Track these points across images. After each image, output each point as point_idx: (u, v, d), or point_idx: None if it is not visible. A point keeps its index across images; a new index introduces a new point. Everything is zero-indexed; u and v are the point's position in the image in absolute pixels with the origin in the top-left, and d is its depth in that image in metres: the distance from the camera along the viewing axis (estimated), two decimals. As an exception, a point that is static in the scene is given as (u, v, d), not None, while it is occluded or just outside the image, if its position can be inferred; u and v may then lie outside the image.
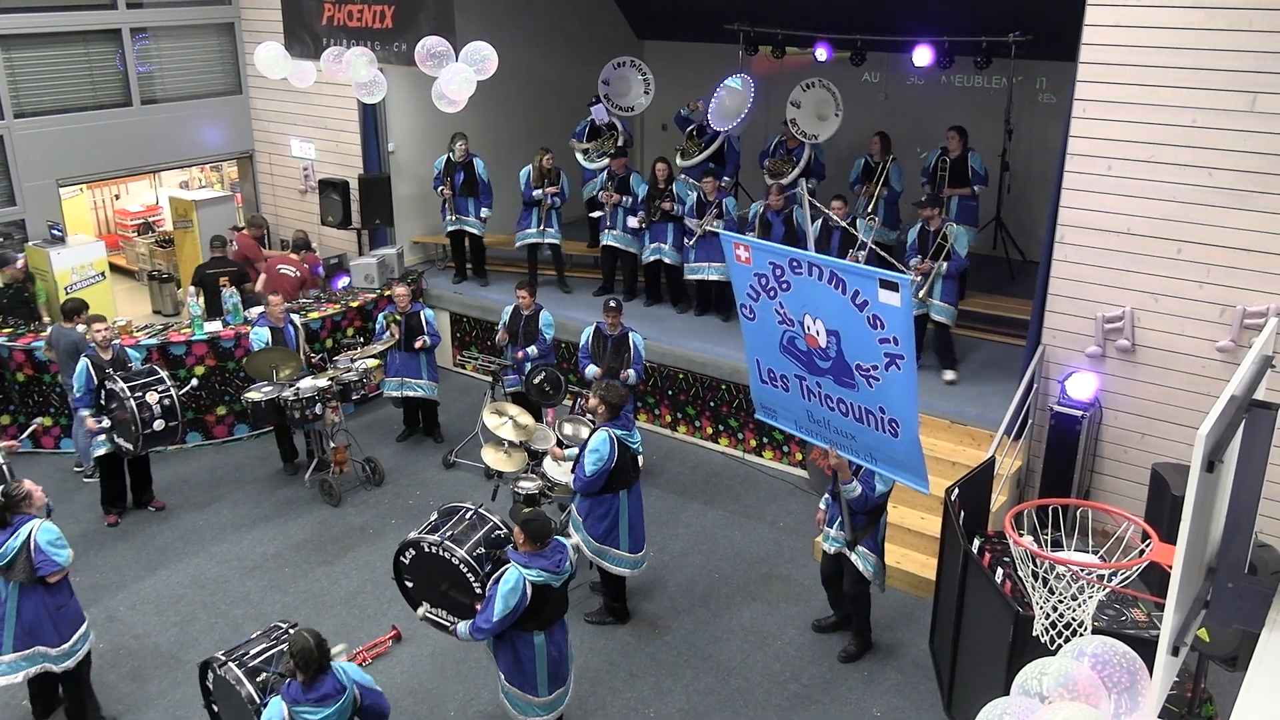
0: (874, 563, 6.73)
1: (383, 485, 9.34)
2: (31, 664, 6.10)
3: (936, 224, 8.87)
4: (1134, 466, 7.91)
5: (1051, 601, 4.11)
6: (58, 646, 6.11)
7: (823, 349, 5.83)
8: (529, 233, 11.20)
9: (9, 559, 5.88)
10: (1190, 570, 2.90)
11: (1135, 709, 3.24)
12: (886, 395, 5.66)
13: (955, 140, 10.38)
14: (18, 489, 6.05)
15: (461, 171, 11.07)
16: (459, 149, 11.04)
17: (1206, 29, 6.96)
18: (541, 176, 10.98)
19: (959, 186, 10.39)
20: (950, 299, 8.94)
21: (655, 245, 10.67)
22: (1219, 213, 7.16)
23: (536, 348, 9.34)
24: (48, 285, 10.79)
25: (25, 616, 6.00)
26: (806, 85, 10.98)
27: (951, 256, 8.75)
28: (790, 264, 5.75)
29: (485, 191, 11.20)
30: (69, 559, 6.03)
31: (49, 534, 5.93)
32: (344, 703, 4.89)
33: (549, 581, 5.55)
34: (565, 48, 13.21)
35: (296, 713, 4.80)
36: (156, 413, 8.16)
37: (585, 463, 6.82)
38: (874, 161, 10.77)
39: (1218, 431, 2.79)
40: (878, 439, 5.92)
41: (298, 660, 4.81)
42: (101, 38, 11.65)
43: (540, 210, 11.03)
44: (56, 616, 6.07)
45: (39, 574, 5.89)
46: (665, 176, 10.55)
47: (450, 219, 11.34)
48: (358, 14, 10.38)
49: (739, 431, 9.87)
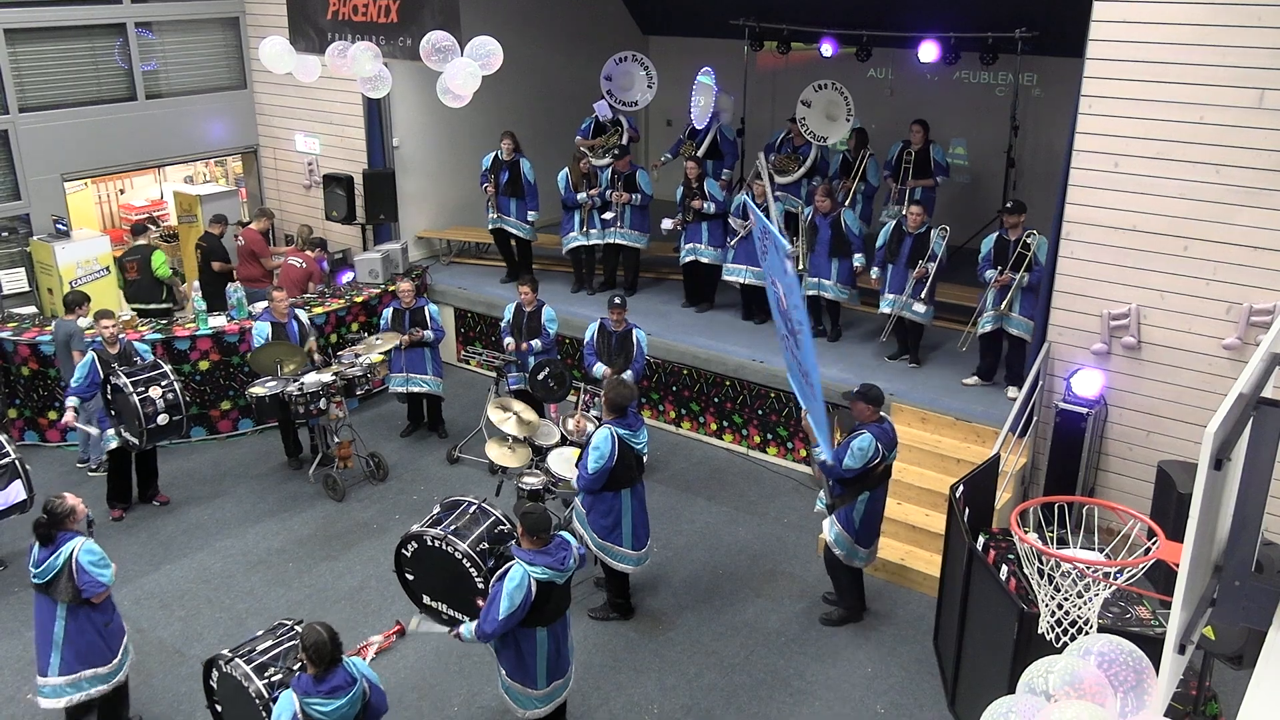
0: (839, 533, 7.02)
1: (387, 480, 9.35)
2: (77, 690, 5.96)
3: (1017, 233, 8.41)
4: (1139, 464, 7.89)
5: (1057, 599, 4.11)
6: (109, 663, 5.99)
7: (785, 311, 6.27)
8: (573, 236, 11.11)
9: (50, 577, 5.76)
10: (1197, 568, 2.89)
11: (1141, 707, 3.23)
12: (807, 354, 6.12)
13: (918, 133, 10.66)
14: (61, 505, 5.88)
15: (506, 170, 11.03)
16: (505, 147, 11.02)
17: (1214, 25, 6.93)
18: (581, 178, 10.94)
19: (923, 178, 10.62)
20: (1029, 312, 8.39)
21: (691, 246, 10.60)
22: (1226, 210, 7.14)
23: (540, 341, 9.33)
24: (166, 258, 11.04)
25: (76, 640, 5.87)
26: (819, 86, 10.97)
27: (1034, 267, 8.28)
28: (761, 233, 6.35)
29: (531, 193, 11.09)
30: (112, 577, 5.91)
31: (91, 554, 5.79)
32: (354, 695, 4.91)
33: (553, 579, 5.54)
34: (570, 43, 13.19)
35: (308, 704, 4.79)
36: (160, 407, 8.17)
37: (587, 460, 6.82)
38: (851, 156, 10.84)
39: (1225, 429, 2.78)
40: (810, 400, 6.39)
41: (310, 653, 4.82)
42: (106, 32, 11.64)
43: (582, 212, 10.96)
44: (105, 633, 5.97)
45: (84, 595, 5.77)
46: (696, 175, 10.51)
47: (492, 216, 11.29)
48: (363, 8, 10.38)
49: (743, 428, 9.86)
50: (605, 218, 10.77)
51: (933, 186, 10.72)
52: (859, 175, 10.72)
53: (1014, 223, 8.47)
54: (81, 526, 5.97)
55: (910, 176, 10.62)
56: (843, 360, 9.49)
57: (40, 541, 5.85)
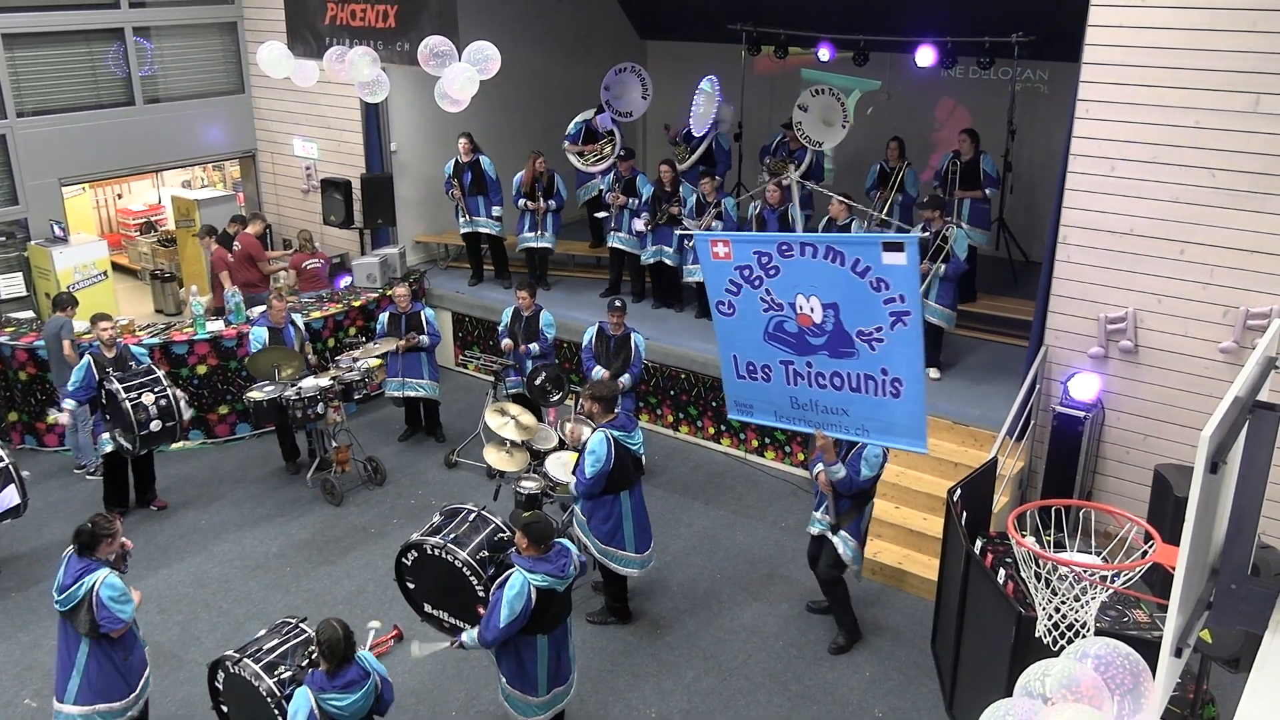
0: (854, 548, 6.89)
1: (384, 485, 9.34)
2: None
3: (937, 225, 8.80)
4: (1136, 468, 7.90)
5: (1054, 602, 4.10)
6: (125, 699, 5.85)
7: (817, 325, 6.10)
8: (526, 236, 11.28)
9: (72, 605, 5.60)
10: (1193, 572, 2.90)
11: (1138, 710, 3.23)
12: (890, 356, 5.97)
13: (967, 143, 10.30)
14: (110, 526, 5.71)
15: (469, 171, 11.07)
16: (462, 147, 11.04)
17: (1210, 30, 6.95)
18: (533, 181, 10.99)
19: (970, 189, 10.31)
20: (945, 301, 8.88)
21: (657, 247, 10.67)
22: (1222, 214, 7.15)
23: (538, 345, 9.34)
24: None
25: (93, 675, 5.74)
26: (815, 91, 10.97)
27: (950, 259, 8.71)
28: (779, 248, 6.02)
29: (494, 189, 11.19)
30: (132, 613, 5.74)
31: (111, 589, 5.59)
32: (368, 689, 4.97)
33: (553, 586, 5.53)
34: (568, 48, 13.21)
35: (324, 700, 4.83)
36: (153, 414, 8.15)
37: (584, 465, 6.82)
38: (889, 167, 10.72)
39: (1221, 433, 2.79)
40: (874, 406, 6.19)
41: (324, 649, 4.87)
42: (104, 37, 11.65)
43: (537, 215, 11.07)
44: (124, 667, 5.84)
45: (101, 630, 5.63)
46: (671, 179, 10.54)
47: (464, 220, 11.32)
48: (361, 13, 10.39)
49: (741, 432, 9.87)
50: (638, 227, 10.76)
51: (982, 198, 10.35)
52: (896, 186, 10.57)
53: (931, 216, 8.76)
54: (112, 555, 5.75)
55: (958, 187, 10.30)
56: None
57: (79, 550, 5.66)
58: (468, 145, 11.06)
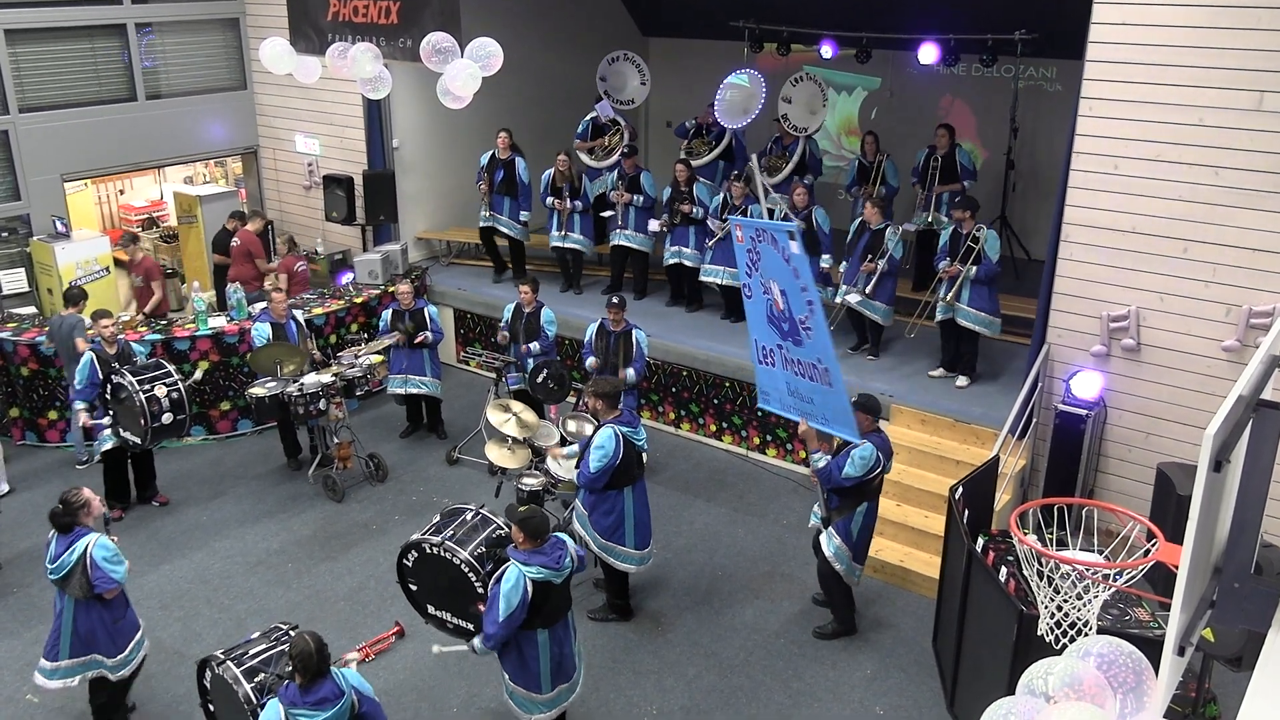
0: (838, 546, 6.90)
1: (386, 481, 9.34)
2: (88, 669, 6.06)
3: (969, 227, 8.62)
4: (1139, 466, 7.89)
5: (1056, 601, 4.10)
6: (114, 657, 6.05)
7: (782, 311, 6.30)
8: (554, 235, 11.19)
9: (65, 572, 5.81)
10: (1196, 570, 2.89)
11: (1141, 709, 3.23)
12: (818, 345, 6.15)
13: (944, 137, 10.41)
14: (76, 496, 5.93)
15: (502, 169, 11.02)
16: (500, 142, 10.98)
17: (1214, 28, 6.93)
18: (562, 181, 10.95)
19: (949, 183, 10.40)
20: (981, 305, 8.64)
21: (676, 249, 10.62)
22: (1225, 212, 7.14)
23: (539, 344, 9.33)
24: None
25: (81, 629, 5.95)
26: (795, 80, 10.99)
27: (982, 260, 8.51)
28: (756, 234, 6.26)
29: (524, 193, 11.08)
30: (125, 574, 5.96)
31: (104, 550, 5.84)
32: (341, 708, 4.79)
33: (549, 578, 5.53)
34: (570, 44, 13.19)
35: (293, 715, 4.71)
36: (165, 406, 8.19)
37: (590, 459, 6.81)
38: (867, 161, 10.77)
39: (1225, 431, 2.78)
40: (823, 396, 6.37)
41: (296, 663, 4.73)
42: (107, 32, 11.64)
43: (561, 215, 11.01)
44: (113, 629, 6.01)
45: (95, 591, 5.83)
46: (686, 178, 10.50)
47: (485, 214, 11.27)
48: (363, 9, 10.38)
49: (742, 429, 9.86)
50: (654, 228, 10.74)
51: (960, 191, 10.36)
52: (877, 179, 10.60)
53: (963, 217, 8.68)
54: (97, 524, 6.02)
55: (937, 182, 10.38)
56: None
57: (59, 531, 5.91)
58: (506, 141, 10.98)
